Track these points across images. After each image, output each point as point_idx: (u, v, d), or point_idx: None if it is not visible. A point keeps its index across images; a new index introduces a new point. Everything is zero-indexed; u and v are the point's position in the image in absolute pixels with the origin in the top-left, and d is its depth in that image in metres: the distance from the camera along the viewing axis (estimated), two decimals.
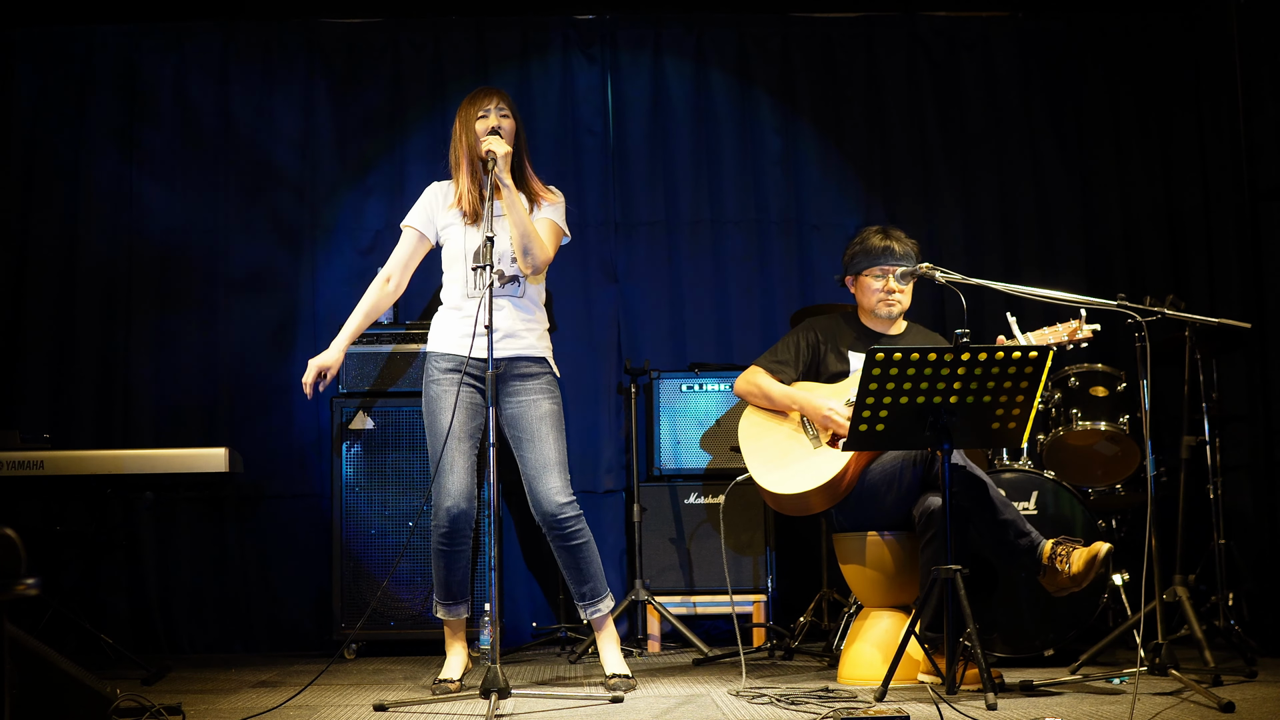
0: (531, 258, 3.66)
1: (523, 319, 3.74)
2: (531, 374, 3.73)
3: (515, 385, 3.72)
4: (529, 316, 3.77)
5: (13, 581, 1.94)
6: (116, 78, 5.34)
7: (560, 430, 3.73)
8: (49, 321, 5.20)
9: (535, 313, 3.80)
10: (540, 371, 3.75)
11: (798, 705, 3.25)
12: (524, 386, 3.72)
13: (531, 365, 3.74)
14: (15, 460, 3.98)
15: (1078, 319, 3.71)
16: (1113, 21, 5.58)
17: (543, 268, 3.73)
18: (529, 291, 3.77)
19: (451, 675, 3.70)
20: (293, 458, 5.20)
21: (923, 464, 3.68)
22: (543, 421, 3.70)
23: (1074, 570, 3.50)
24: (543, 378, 3.75)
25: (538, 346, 3.77)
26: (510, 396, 3.72)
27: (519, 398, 3.72)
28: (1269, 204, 4.97)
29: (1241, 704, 3.10)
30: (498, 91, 3.77)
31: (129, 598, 5.07)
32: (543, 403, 3.72)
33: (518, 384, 3.72)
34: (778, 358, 4.06)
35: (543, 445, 3.68)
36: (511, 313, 3.71)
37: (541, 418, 3.70)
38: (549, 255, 3.73)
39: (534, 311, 3.79)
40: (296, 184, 5.36)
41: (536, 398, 3.72)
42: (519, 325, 3.73)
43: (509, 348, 3.69)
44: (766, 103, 5.51)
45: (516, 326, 3.72)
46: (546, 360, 3.78)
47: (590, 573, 3.73)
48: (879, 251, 3.99)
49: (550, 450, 3.68)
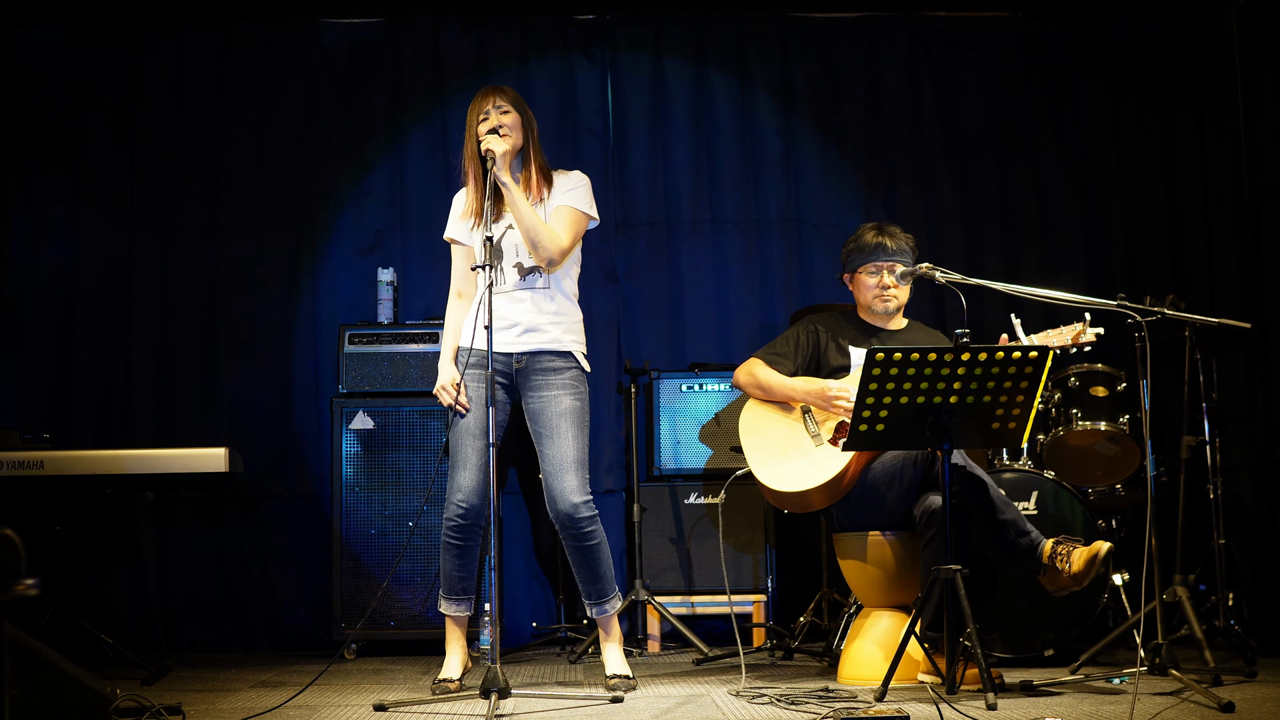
0: (542, 249, 3.62)
1: (546, 312, 3.68)
2: (555, 369, 3.67)
3: (538, 380, 3.67)
4: (553, 308, 3.69)
5: (13, 581, 1.94)
6: (116, 76, 5.34)
7: (582, 427, 3.66)
8: (49, 321, 5.20)
9: (561, 304, 3.71)
10: (565, 366, 3.68)
11: (798, 705, 3.24)
12: (546, 381, 3.67)
13: (555, 360, 3.67)
14: (15, 460, 3.98)
15: (1082, 322, 3.71)
16: (1113, 22, 5.58)
17: (558, 257, 3.64)
18: (554, 281, 3.70)
19: (451, 675, 3.69)
20: (293, 458, 5.20)
21: (923, 463, 3.68)
22: (563, 418, 3.64)
23: (1074, 569, 3.50)
24: (567, 373, 3.68)
25: (563, 340, 3.69)
26: (532, 391, 3.67)
27: (541, 393, 3.67)
28: (1269, 204, 4.97)
29: (1241, 704, 3.10)
30: (496, 90, 3.71)
31: (129, 598, 5.07)
32: (564, 399, 3.65)
33: (540, 379, 3.67)
34: (776, 350, 4.07)
35: (561, 442, 3.63)
36: (532, 306, 3.66)
37: (562, 414, 3.64)
38: (562, 244, 3.65)
39: (559, 302, 3.71)
40: (296, 184, 5.36)
41: (559, 393, 3.65)
42: (541, 319, 3.67)
43: (530, 342, 3.65)
44: (766, 103, 5.51)
45: (538, 320, 3.67)
46: (573, 355, 3.70)
47: (601, 573, 3.71)
48: (873, 248, 4.01)
49: (569, 448, 3.63)
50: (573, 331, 3.73)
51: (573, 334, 3.73)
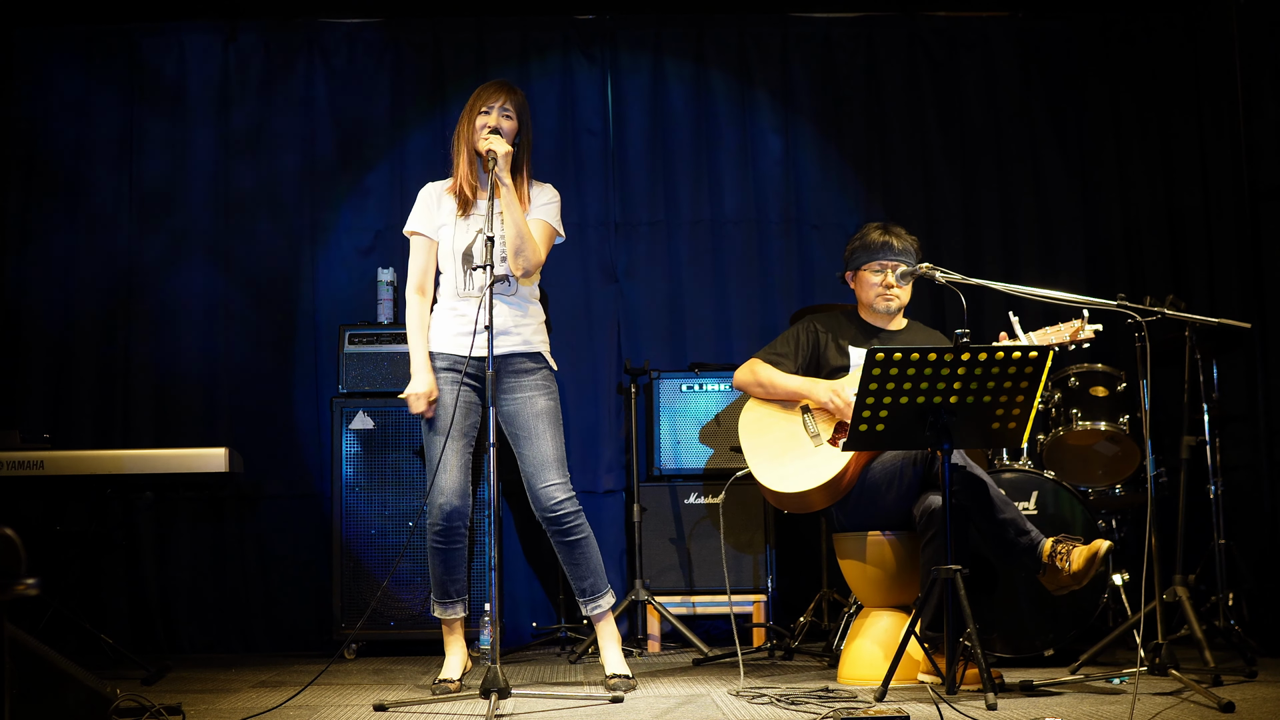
0: (524, 259, 3.65)
1: (515, 315, 3.72)
2: (526, 370, 3.72)
3: (510, 382, 3.71)
4: (521, 312, 3.74)
5: (13, 581, 1.94)
6: (116, 75, 5.34)
7: (558, 426, 3.72)
8: (50, 321, 5.20)
9: (529, 308, 3.77)
10: (535, 367, 3.74)
11: (798, 705, 3.24)
12: (519, 383, 3.71)
13: (526, 361, 3.73)
14: (15, 460, 3.97)
15: (1080, 319, 3.71)
16: (1113, 21, 5.58)
17: (534, 270, 3.70)
18: (521, 290, 3.75)
19: (451, 675, 3.69)
20: (293, 458, 5.20)
21: (923, 463, 3.69)
22: (539, 418, 3.69)
23: (1074, 568, 3.50)
24: (538, 373, 3.74)
25: (532, 341, 3.75)
26: (506, 394, 3.71)
27: (515, 395, 3.71)
28: (1269, 204, 4.97)
29: (1241, 704, 3.10)
30: (508, 91, 3.73)
31: (129, 598, 5.07)
32: (539, 399, 3.71)
33: (513, 381, 3.71)
34: (777, 350, 4.07)
35: (539, 442, 3.68)
36: (503, 310, 3.68)
37: (538, 414, 3.69)
38: (540, 257, 3.72)
39: (527, 307, 3.77)
40: (296, 184, 5.36)
41: (532, 394, 3.71)
42: (510, 322, 3.70)
43: (502, 345, 3.67)
44: (766, 103, 5.51)
45: (508, 323, 3.70)
46: (542, 355, 3.76)
47: (590, 569, 3.73)
48: (878, 247, 4.01)
49: (547, 447, 3.68)
50: (540, 332, 3.80)
51: (540, 334, 3.79)
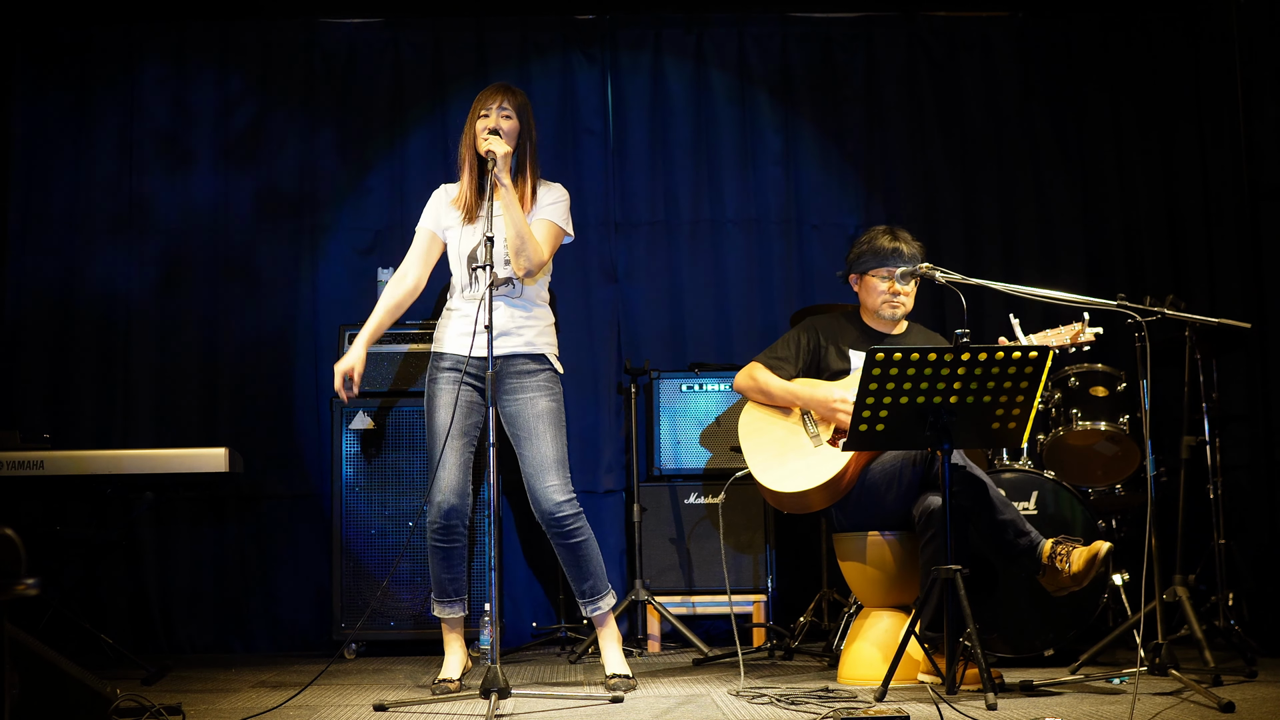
0: (525, 259, 3.63)
1: (518, 316, 3.71)
2: (529, 371, 3.71)
3: (512, 383, 3.71)
4: (525, 313, 3.73)
5: (13, 581, 1.94)
6: (116, 75, 5.34)
7: (559, 428, 3.71)
8: (50, 321, 5.20)
9: (534, 309, 3.76)
10: (538, 369, 3.72)
11: (798, 705, 3.25)
12: (521, 384, 3.71)
13: (529, 362, 3.72)
14: (15, 460, 3.97)
15: (1081, 322, 3.71)
16: (1113, 22, 5.58)
17: (537, 270, 3.68)
18: (525, 291, 3.74)
19: (451, 675, 3.70)
20: (293, 458, 5.20)
21: (923, 464, 3.68)
22: (540, 419, 3.68)
23: (1074, 569, 3.50)
24: (541, 375, 3.72)
25: (536, 344, 3.73)
26: (508, 394, 3.70)
27: (517, 395, 3.70)
28: (1269, 204, 4.97)
29: (1241, 704, 3.10)
30: (504, 91, 3.73)
31: (129, 598, 5.07)
32: (540, 400, 3.70)
33: (514, 382, 3.71)
34: (777, 354, 4.06)
35: (540, 443, 3.67)
36: (505, 311, 3.68)
37: (539, 415, 3.69)
38: (544, 258, 3.70)
39: (532, 309, 3.75)
40: (296, 184, 5.36)
41: (534, 395, 3.70)
42: (512, 323, 3.70)
43: (503, 345, 3.66)
44: (766, 102, 5.51)
45: (510, 324, 3.69)
46: (546, 357, 3.75)
47: (590, 570, 3.73)
48: (887, 252, 3.99)
49: (548, 448, 3.67)
50: (546, 334, 3.78)
51: (545, 337, 3.77)
